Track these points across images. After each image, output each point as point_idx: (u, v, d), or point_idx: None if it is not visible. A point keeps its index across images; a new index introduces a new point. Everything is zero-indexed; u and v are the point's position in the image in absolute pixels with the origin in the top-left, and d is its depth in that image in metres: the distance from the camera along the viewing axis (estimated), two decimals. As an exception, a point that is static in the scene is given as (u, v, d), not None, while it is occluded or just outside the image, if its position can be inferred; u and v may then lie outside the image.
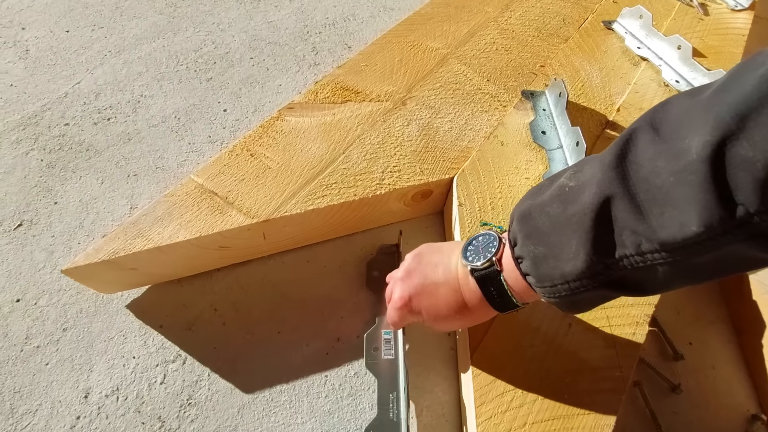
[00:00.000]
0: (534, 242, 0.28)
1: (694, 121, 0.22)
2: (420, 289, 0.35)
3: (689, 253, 0.22)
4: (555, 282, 0.27)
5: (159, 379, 0.44)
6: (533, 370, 0.37)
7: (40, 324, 0.47)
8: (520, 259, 0.30)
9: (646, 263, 0.24)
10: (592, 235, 0.25)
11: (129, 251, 0.42)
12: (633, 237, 0.23)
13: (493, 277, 0.32)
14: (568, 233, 0.26)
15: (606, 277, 0.26)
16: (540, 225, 0.28)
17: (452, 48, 0.64)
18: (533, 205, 0.29)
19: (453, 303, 0.34)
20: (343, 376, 0.44)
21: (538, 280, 0.28)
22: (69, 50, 0.73)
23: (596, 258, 0.25)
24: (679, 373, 0.46)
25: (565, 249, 0.26)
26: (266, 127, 0.52)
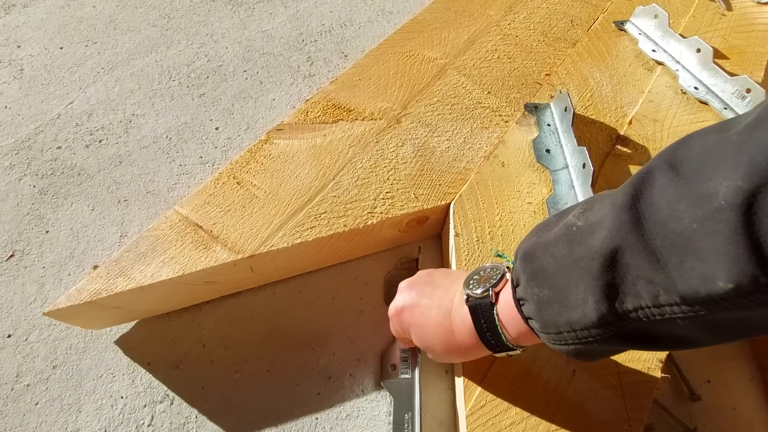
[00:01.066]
0: (538, 284, 0.26)
1: (723, 162, 0.19)
2: (414, 304, 0.35)
3: (714, 309, 0.20)
4: (560, 329, 0.25)
5: (146, 421, 0.42)
6: (533, 424, 0.34)
7: (30, 361, 0.46)
8: (523, 301, 0.27)
9: (664, 316, 0.21)
10: (602, 282, 0.22)
11: (111, 291, 0.41)
12: (649, 287, 0.21)
13: (485, 308, 0.30)
14: (575, 277, 0.24)
15: (618, 328, 0.23)
16: (545, 266, 0.26)
17: (451, 57, 0.60)
18: (538, 243, 0.27)
19: (440, 330, 0.33)
20: (335, 418, 0.42)
21: (543, 325, 0.26)
22: (62, 68, 0.72)
23: (607, 307, 0.23)
24: (696, 414, 0.43)
25: (572, 294, 0.24)
26: (254, 151, 0.50)
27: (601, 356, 0.28)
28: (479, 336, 0.30)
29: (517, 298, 0.28)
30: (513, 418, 0.34)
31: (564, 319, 0.25)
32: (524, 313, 0.27)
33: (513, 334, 0.29)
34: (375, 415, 0.42)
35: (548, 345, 0.27)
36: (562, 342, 0.26)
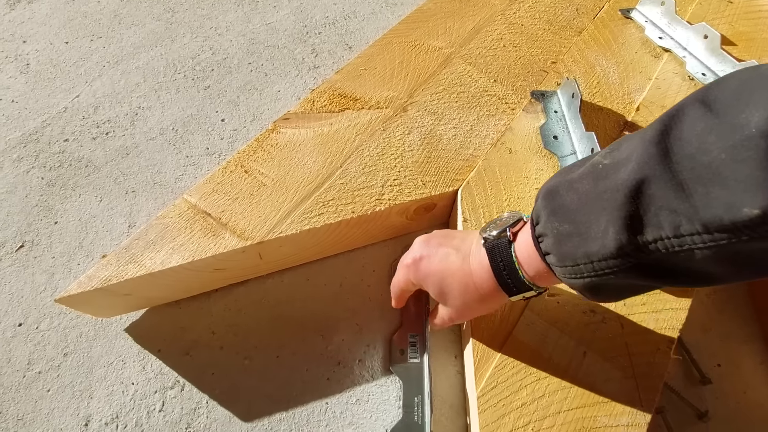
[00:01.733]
0: (559, 219, 0.26)
1: (756, 93, 0.20)
2: (432, 253, 0.35)
3: (735, 237, 0.20)
4: (578, 262, 0.25)
5: (158, 407, 0.43)
6: (544, 404, 0.34)
7: (42, 349, 0.46)
8: (542, 237, 0.28)
9: (683, 247, 0.21)
10: (624, 213, 0.23)
11: (122, 278, 0.41)
12: (671, 217, 0.21)
13: (502, 248, 0.30)
14: (598, 210, 0.24)
15: (636, 260, 0.23)
16: (567, 202, 0.26)
17: (456, 46, 0.60)
18: (562, 181, 0.27)
19: (460, 274, 0.33)
20: (345, 403, 0.42)
21: (560, 259, 0.26)
22: (68, 62, 0.73)
23: (627, 238, 0.23)
24: (707, 398, 0.43)
25: (592, 227, 0.24)
26: (261, 140, 0.50)
27: (614, 295, 0.28)
28: (496, 277, 0.31)
29: (536, 235, 0.28)
30: (524, 399, 0.34)
31: (582, 251, 0.25)
32: (542, 248, 0.28)
33: (530, 273, 0.29)
34: (385, 400, 0.42)
35: (563, 280, 0.28)
36: (578, 275, 0.26)
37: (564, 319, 0.38)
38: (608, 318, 0.38)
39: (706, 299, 0.49)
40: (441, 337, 0.46)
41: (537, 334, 0.37)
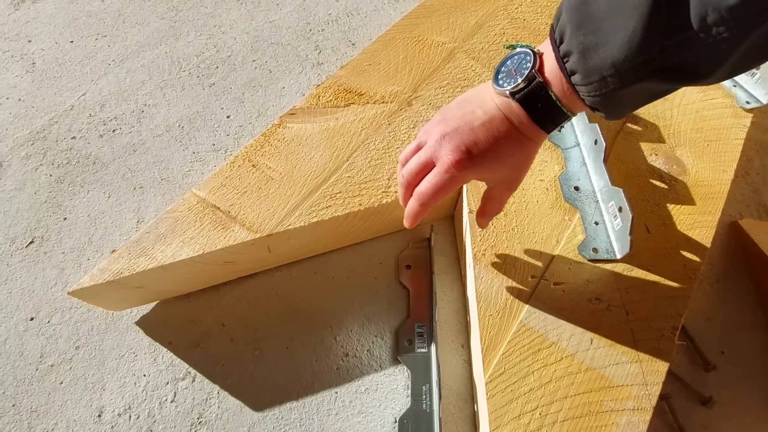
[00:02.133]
0: (585, 31, 0.26)
1: None
2: (474, 137, 0.31)
3: (757, 19, 0.21)
4: (604, 74, 0.25)
5: (169, 398, 0.43)
6: (551, 389, 0.35)
7: (54, 342, 0.47)
8: (567, 56, 0.27)
9: (708, 40, 0.22)
10: (653, 11, 0.23)
11: (133, 271, 0.41)
12: (698, 8, 0.22)
13: (538, 91, 0.29)
14: (627, 12, 0.24)
15: (661, 62, 0.24)
16: (595, 10, 0.26)
17: (459, 41, 0.61)
18: None
19: (508, 134, 0.31)
20: (354, 392, 0.43)
21: (586, 74, 0.26)
22: (74, 61, 0.73)
23: (654, 39, 0.23)
24: (711, 384, 0.43)
25: (620, 33, 0.24)
26: (268, 135, 0.51)
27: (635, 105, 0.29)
28: (538, 123, 0.30)
29: (561, 55, 0.27)
30: (531, 385, 0.35)
31: (609, 62, 0.25)
32: (568, 68, 0.27)
33: (565, 102, 0.29)
34: (393, 389, 0.43)
35: (586, 100, 0.27)
36: (603, 89, 0.26)
37: (570, 307, 0.38)
38: (613, 306, 0.38)
39: (709, 288, 0.49)
40: (448, 327, 0.46)
41: (543, 321, 0.37)
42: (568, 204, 0.45)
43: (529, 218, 0.44)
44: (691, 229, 0.43)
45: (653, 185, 0.47)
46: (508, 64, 0.31)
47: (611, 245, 0.41)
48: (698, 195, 0.46)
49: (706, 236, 0.43)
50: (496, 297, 0.39)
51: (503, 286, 0.39)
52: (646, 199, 0.46)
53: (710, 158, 0.49)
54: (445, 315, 0.47)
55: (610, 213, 0.43)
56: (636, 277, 0.40)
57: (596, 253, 0.41)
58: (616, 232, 0.42)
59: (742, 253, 0.52)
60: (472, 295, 0.40)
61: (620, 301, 0.39)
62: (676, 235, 0.43)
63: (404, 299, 0.48)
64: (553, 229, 0.43)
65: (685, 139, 0.51)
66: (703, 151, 0.50)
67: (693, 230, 0.43)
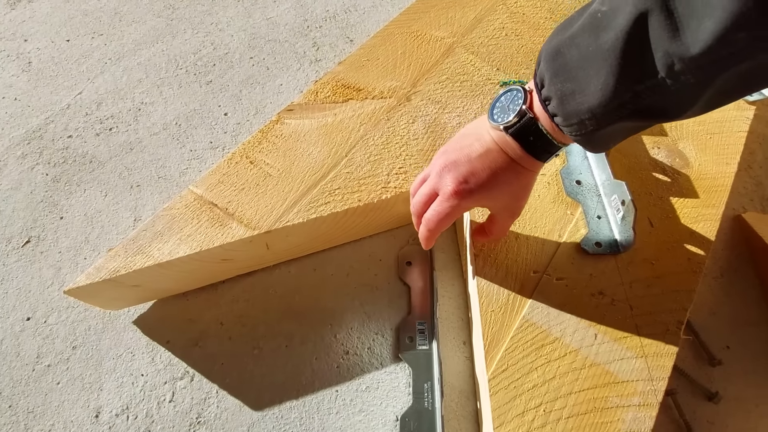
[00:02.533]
0: (562, 79, 0.28)
1: None
2: (471, 168, 0.33)
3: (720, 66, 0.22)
4: (581, 117, 0.27)
5: (168, 397, 0.43)
6: (555, 386, 0.34)
7: (50, 342, 0.47)
8: (548, 100, 0.29)
9: (676, 86, 0.24)
10: (622, 62, 0.24)
11: (130, 269, 0.41)
12: (665, 59, 0.23)
13: (529, 126, 0.31)
14: (598, 63, 0.25)
15: (633, 106, 0.26)
16: (569, 60, 0.27)
17: (458, 36, 0.60)
18: (562, 40, 0.28)
19: (504, 165, 0.33)
20: (354, 390, 0.42)
21: (565, 118, 0.28)
22: (70, 60, 0.73)
23: (625, 86, 0.25)
24: (716, 379, 0.43)
25: (593, 81, 0.26)
26: (265, 131, 0.50)
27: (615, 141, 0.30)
28: (531, 154, 0.32)
29: (542, 99, 0.29)
30: (535, 381, 0.34)
31: (585, 107, 0.27)
32: (549, 111, 0.29)
33: (554, 136, 0.31)
34: (394, 387, 0.42)
35: (570, 137, 0.30)
36: (582, 130, 0.28)
37: (573, 302, 0.38)
38: (617, 300, 0.38)
39: (713, 282, 0.49)
40: (449, 324, 0.46)
41: (546, 316, 0.37)
42: (570, 198, 0.44)
43: (531, 213, 0.43)
44: (695, 223, 0.43)
45: (656, 178, 0.46)
46: (502, 100, 0.33)
47: (614, 239, 0.41)
48: (702, 188, 0.46)
49: (711, 229, 0.42)
50: (498, 293, 0.38)
51: (505, 282, 0.39)
52: (649, 192, 0.45)
53: (713, 151, 0.49)
54: (446, 312, 0.46)
55: (613, 206, 0.42)
56: (640, 271, 0.39)
57: (599, 248, 0.40)
58: (620, 225, 0.41)
59: (746, 247, 0.52)
60: (474, 291, 0.40)
61: (624, 295, 0.38)
62: (680, 228, 0.42)
63: (405, 296, 0.48)
64: (555, 223, 0.43)
65: (688, 132, 0.50)
66: (706, 143, 0.49)
67: (697, 223, 0.43)
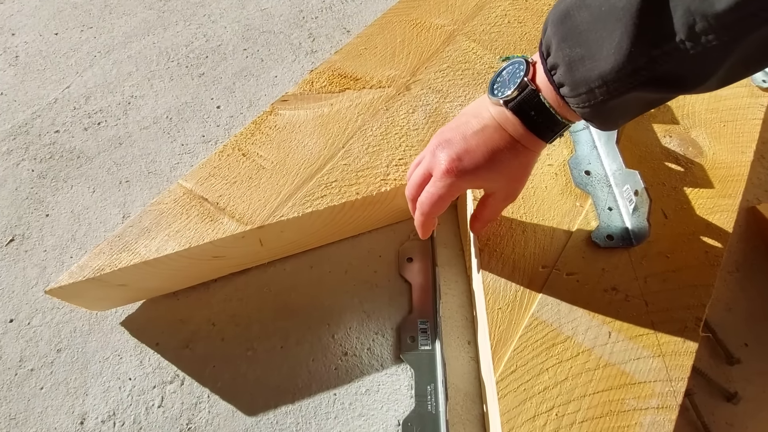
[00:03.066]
0: (570, 44, 0.26)
1: None
2: (466, 146, 0.31)
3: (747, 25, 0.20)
4: (591, 86, 0.25)
5: (156, 402, 0.41)
6: (568, 388, 0.32)
7: (34, 345, 0.44)
8: (554, 68, 0.27)
9: (696, 49, 0.21)
10: (638, 21, 0.22)
11: (115, 267, 0.39)
12: (685, 17, 0.21)
13: (530, 99, 0.29)
14: (611, 23, 0.23)
15: (648, 72, 0.23)
16: (579, 23, 0.25)
17: (459, 24, 0.58)
18: (571, 2, 0.26)
19: (502, 143, 0.31)
20: (354, 393, 0.40)
21: (573, 87, 0.26)
22: (58, 53, 0.70)
23: (640, 49, 0.23)
24: (735, 379, 0.40)
25: (605, 44, 0.24)
26: (258, 123, 0.48)
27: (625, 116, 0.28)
28: (533, 131, 0.30)
29: (548, 68, 0.27)
30: (546, 383, 0.32)
31: (596, 73, 0.25)
32: (555, 80, 0.27)
33: (557, 108, 0.29)
34: (396, 389, 0.40)
35: (576, 111, 0.27)
36: (592, 101, 0.26)
37: (585, 299, 0.35)
38: (631, 296, 0.36)
39: (728, 277, 0.47)
40: (453, 323, 0.43)
41: (557, 314, 0.35)
42: (579, 189, 0.42)
43: (538, 205, 0.41)
44: (711, 214, 0.41)
45: (669, 168, 0.44)
46: (503, 74, 0.31)
47: (627, 231, 0.39)
48: (717, 178, 0.43)
49: (728, 221, 0.40)
50: (505, 289, 0.36)
51: (512, 277, 0.37)
52: (662, 182, 0.43)
53: (727, 139, 0.47)
54: (449, 310, 0.44)
55: (625, 197, 0.40)
56: (655, 265, 0.37)
57: (611, 241, 0.38)
58: (632, 217, 0.39)
59: (761, 240, 0.49)
60: (479, 288, 0.38)
61: (639, 291, 0.36)
62: (696, 219, 0.40)
63: (406, 294, 0.45)
64: (564, 215, 0.40)
65: (700, 120, 0.48)
66: (720, 132, 0.47)
67: (713, 215, 0.41)
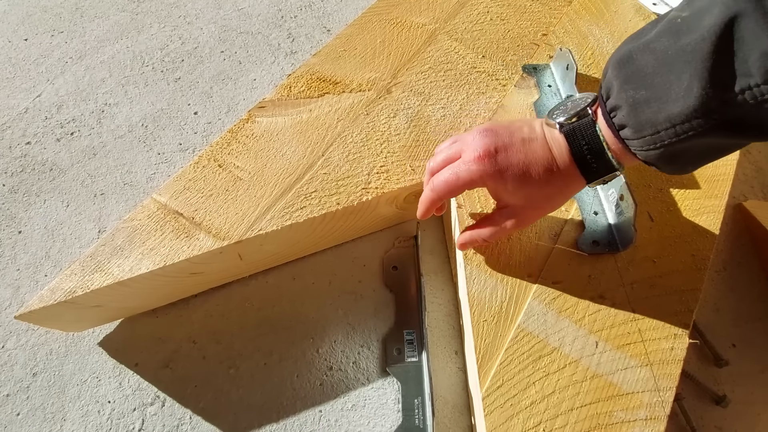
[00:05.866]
0: (634, 86, 0.25)
1: None
2: (508, 142, 0.30)
3: None
4: (658, 128, 0.24)
5: (137, 426, 0.39)
6: (555, 401, 0.31)
7: (9, 370, 0.43)
8: (615, 110, 0.26)
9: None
10: (710, 64, 0.22)
11: (87, 289, 0.37)
12: (761, 61, 0.20)
13: (586, 128, 0.28)
14: (680, 66, 0.23)
15: (721, 116, 0.22)
16: (643, 66, 0.25)
17: (441, 22, 0.57)
18: (634, 46, 0.26)
19: (542, 161, 0.30)
20: (339, 409, 0.39)
21: (637, 128, 0.25)
22: (28, 60, 0.68)
23: (713, 92, 0.22)
24: (724, 381, 0.40)
25: (673, 87, 0.23)
26: (235, 131, 0.46)
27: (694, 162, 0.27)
28: (577, 162, 0.29)
29: (609, 110, 0.27)
30: (533, 397, 0.31)
31: (663, 116, 0.24)
32: (616, 123, 0.27)
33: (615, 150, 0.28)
34: (383, 404, 0.39)
35: (639, 154, 0.26)
36: (658, 144, 0.25)
37: (571, 307, 0.35)
38: (618, 303, 0.35)
39: (716, 276, 0.46)
40: (439, 333, 0.43)
41: (543, 324, 0.34)
42: (565, 193, 0.41)
43: (523, 211, 0.40)
44: (698, 215, 0.40)
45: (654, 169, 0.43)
46: (567, 104, 0.31)
47: (613, 236, 0.38)
48: (703, 177, 0.43)
49: (714, 222, 0.40)
50: (491, 300, 0.35)
51: (498, 288, 0.36)
52: (647, 184, 0.42)
53: (713, 137, 0.46)
54: (435, 320, 0.43)
55: (610, 201, 0.39)
56: (641, 270, 0.37)
57: (597, 246, 0.38)
58: (618, 222, 0.38)
59: (748, 237, 0.49)
60: (465, 298, 0.37)
61: (625, 298, 0.35)
62: (682, 222, 0.40)
63: (391, 304, 0.45)
64: (549, 222, 0.40)
65: (686, 118, 0.47)
66: (706, 129, 0.47)
67: (699, 216, 0.40)
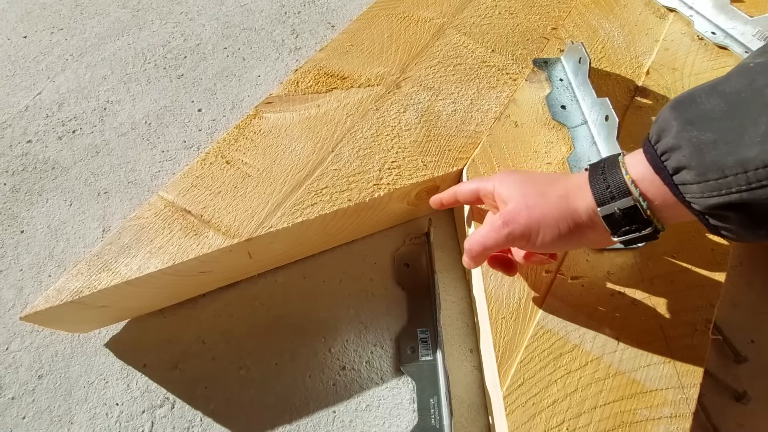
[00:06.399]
0: (699, 128, 0.22)
1: None
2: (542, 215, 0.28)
3: None
4: (726, 173, 0.21)
5: (146, 428, 0.39)
6: (578, 399, 0.30)
7: (14, 372, 0.42)
8: (672, 151, 0.23)
9: None
10: None
11: (95, 289, 0.36)
12: None
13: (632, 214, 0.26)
14: (756, 109, 0.21)
15: None
16: (709, 110, 0.22)
17: (449, 16, 0.56)
18: (697, 90, 0.24)
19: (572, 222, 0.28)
20: (353, 410, 0.39)
21: (702, 171, 0.22)
22: (28, 58, 0.67)
23: None
24: (744, 377, 0.40)
25: (748, 132, 0.21)
26: (242, 127, 0.45)
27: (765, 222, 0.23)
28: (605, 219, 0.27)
29: (663, 150, 0.24)
30: (555, 396, 0.31)
31: (734, 159, 0.21)
32: (671, 166, 0.23)
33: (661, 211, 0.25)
34: (397, 403, 0.39)
35: (695, 202, 0.23)
36: (723, 190, 0.22)
37: (591, 304, 0.34)
38: (639, 300, 0.34)
39: (732, 271, 0.46)
40: (453, 331, 0.42)
41: (563, 322, 0.33)
42: (580, 188, 0.40)
43: (538, 206, 0.40)
44: (716, 209, 0.39)
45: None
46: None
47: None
48: (719, 171, 0.42)
49: (732, 216, 0.39)
50: (508, 297, 0.35)
51: (515, 284, 0.35)
52: (664, 178, 0.42)
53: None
54: (449, 317, 0.43)
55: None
56: (660, 266, 0.36)
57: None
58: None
59: (762, 232, 0.49)
60: (481, 296, 0.36)
61: (646, 294, 0.35)
62: (700, 216, 0.39)
63: (404, 302, 0.44)
64: (565, 216, 0.39)
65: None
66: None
67: (717, 210, 0.39)
